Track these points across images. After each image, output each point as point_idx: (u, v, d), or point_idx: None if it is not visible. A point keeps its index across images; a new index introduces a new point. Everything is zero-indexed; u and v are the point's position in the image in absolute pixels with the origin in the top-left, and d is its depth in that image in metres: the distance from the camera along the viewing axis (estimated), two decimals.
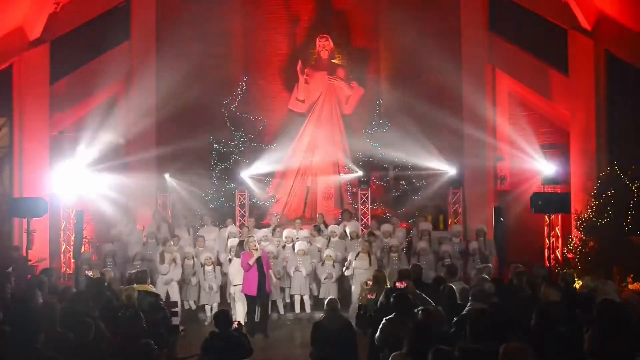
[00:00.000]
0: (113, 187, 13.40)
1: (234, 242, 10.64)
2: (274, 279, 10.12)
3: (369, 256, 10.08)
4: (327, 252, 10.57)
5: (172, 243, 10.68)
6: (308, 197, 14.66)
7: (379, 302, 6.87)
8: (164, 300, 8.75)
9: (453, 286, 6.91)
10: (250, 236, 9.94)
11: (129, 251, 10.97)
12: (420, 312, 5.32)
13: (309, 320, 10.08)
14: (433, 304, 6.27)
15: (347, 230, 11.55)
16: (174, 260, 10.25)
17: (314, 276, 10.80)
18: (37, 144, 12.23)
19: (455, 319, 5.64)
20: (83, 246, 11.95)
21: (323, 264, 10.48)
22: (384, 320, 5.73)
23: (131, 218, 13.25)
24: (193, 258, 10.44)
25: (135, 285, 7.59)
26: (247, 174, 14.29)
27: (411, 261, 10.39)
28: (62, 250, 12.89)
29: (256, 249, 9.49)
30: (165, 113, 14.41)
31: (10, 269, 8.75)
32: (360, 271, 9.98)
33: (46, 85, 12.40)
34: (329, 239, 11.39)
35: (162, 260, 10.16)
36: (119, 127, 14.35)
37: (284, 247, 10.93)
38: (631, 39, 10.61)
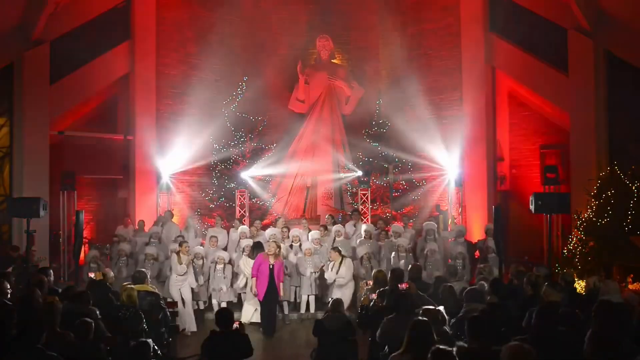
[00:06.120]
0: (113, 186, 13.41)
1: (247, 242, 10.59)
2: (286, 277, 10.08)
3: (340, 264, 9.79)
4: None
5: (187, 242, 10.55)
6: (308, 197, 14.66)
7: (378, 302, 6.86)
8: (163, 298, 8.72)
9: (453, 286, 6.91)
10: (274, 241, 9.80)
11: (137, 251, 10.96)
12: (420, 312, 5.32)
13: (312, 320, 10.03)
14: (433, 304, 6.26)
15: (362, 230, 11.59)
16: (193, 259, 10.02)
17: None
18: (37, 144, 12.21)
19: (454, 319, 5.65)
20: (83, 245, 11.93)
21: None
22: (384, 320, 5.73)
23: (132, 218, 13.25)
24: (203, 258, 10.39)
25: (134, 285, 7.57)
26: (247, 173, 14.30)
27: (419, 262, 10.36)
28: (62, 250, 12.88)
29: (275, 254, 9.46)
30: (165, 113, 14.43)
31: (10, 269, 8.74)
32: (340, 279, 9.88)
33: (46, 85, 12.38)
34: (334, 239, 11.38)
35: (180, 261, 9.83)
36: (119, 127, 14.37)
37: (291, 246, 10.93)
38: (631, 39, 10.60)
